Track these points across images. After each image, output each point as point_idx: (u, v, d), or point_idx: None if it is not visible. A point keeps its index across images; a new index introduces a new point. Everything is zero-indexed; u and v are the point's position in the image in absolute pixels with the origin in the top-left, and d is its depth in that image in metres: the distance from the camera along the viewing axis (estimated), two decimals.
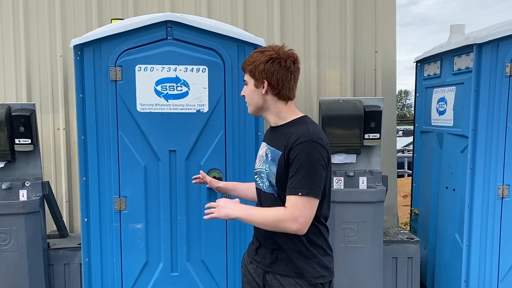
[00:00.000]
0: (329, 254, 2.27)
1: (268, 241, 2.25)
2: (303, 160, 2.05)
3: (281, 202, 2.15)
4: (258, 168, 2.30)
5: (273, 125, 2.29)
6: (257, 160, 2.34)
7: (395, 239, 4.13)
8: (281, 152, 2.14)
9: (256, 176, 2.33)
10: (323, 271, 2.21)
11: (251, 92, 2.23)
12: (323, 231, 2.26)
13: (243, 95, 2.30)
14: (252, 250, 2.38)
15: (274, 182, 2.18)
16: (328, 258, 2.25)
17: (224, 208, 2.20)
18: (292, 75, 2.19)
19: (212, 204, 2.26)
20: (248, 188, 2.62)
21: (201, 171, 2.75)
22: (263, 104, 2.24)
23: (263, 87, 2.19)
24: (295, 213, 2.04)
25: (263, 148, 2.32)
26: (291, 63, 2.18)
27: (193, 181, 2.74)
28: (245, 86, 2.28)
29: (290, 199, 2.07)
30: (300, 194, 2.04)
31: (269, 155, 2.22)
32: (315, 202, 2.08)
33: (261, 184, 2.28)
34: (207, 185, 2.73)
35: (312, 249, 2.19)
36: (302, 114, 2.28)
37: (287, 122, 2.24)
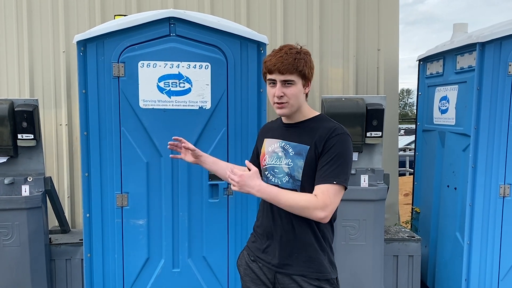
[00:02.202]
0: (333, 251, 2.32)
1: (284, 239, 2.24)
2: (339, 150, 2.12)
3: None
4: (269, 164, 2.30)
5: (291, 121, 2.28)
6: (266, 156, 2.33)
7: (396, 237, 4.14)
8: (309, 146, 2.17)
9: (266, 173, 2.32)
10: (333, 267, 2.28)
11: (299, 93, 2.18)
12: (333, 228, 2.33)
13: (280, 96, 2.15)
14: (256, 249, 2.36)
15: (299, 176, 2.19)
16: (333, 255, 2.31)
17: (245, 186, 2.11)
18: None
19: (232, 175, 2.13)
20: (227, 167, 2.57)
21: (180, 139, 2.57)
22: (302, 103, 2.25)
23: (308, 86, 2.22)
24: (326, 201, 2.09)
25: (274, 144, 2.31)
26: None
27: (169, 146, 2.59)
28: (284, 87, 2.15)
29: (322, 187, 2.11)
30: (334, 182, 2.10)
31: (290, 150, 2.23)
32: (343, 192, 2.16)
33: (274, 180, 2.28)
34: (189, 155, 2.55)
35: (325, 244, 2.26)
36: (317, 112, 2.32)
37: (310, 118, 2.26)
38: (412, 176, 4.97)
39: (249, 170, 2.15)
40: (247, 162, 2.22)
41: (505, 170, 3.57)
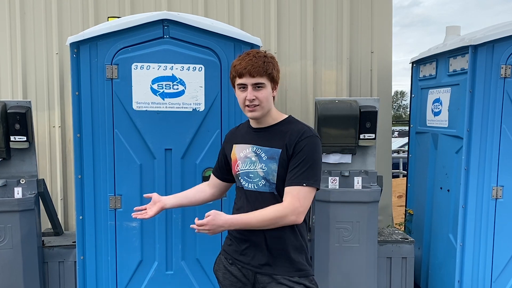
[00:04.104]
0: (308, 248, 2.36)
1: (262, 240, 2.26)
2: (308, 153, 2.16)
3: (280, 198, 2.21)
4: (243, 170, 2.32)
5: (261, 125, 2.32)
6: (239, 162, 2.34)
7: (390, 239, 4.15)
8: (281, 150, 2.21)
9: (240, 178, 2.35)
10: (309, 265, 2.32)
11: (269, 96, 2.23)
12: (307, 225, 2.38)
13: (252, 99, 2.18)
14: (233, 251, 2.37)
15: (274, 179, 2.22)
16: (308, 252, 2.36)
17: (217, 230, 2.13)
18: None
19: (200, 229, 2.12)
20: (192, 196, 2.66)
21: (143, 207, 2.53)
22: (271, 106, 2.29)
23: (276, 89, 2.27)
24: (296, 204, 2.14)
25: (245, 149, 2.33)
26: None
27: (134, 215, 2.49)
28: (255, 90, 2.19)
29: (292, 190, 2.15)
30: (304, 184, 2.14)
31: (263, 155, 2.25)
32: (314, 193, 2.19)
33: (249, 185, 2.30)
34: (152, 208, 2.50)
35: (303, 243, 2.30)
36: (285, 114, 2.36)
37: (279, 122, 2.30)
38: (405, 178, 4.98)
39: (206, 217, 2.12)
40: (201, 219, 2.13)
41: (498, 172, 3.59)
